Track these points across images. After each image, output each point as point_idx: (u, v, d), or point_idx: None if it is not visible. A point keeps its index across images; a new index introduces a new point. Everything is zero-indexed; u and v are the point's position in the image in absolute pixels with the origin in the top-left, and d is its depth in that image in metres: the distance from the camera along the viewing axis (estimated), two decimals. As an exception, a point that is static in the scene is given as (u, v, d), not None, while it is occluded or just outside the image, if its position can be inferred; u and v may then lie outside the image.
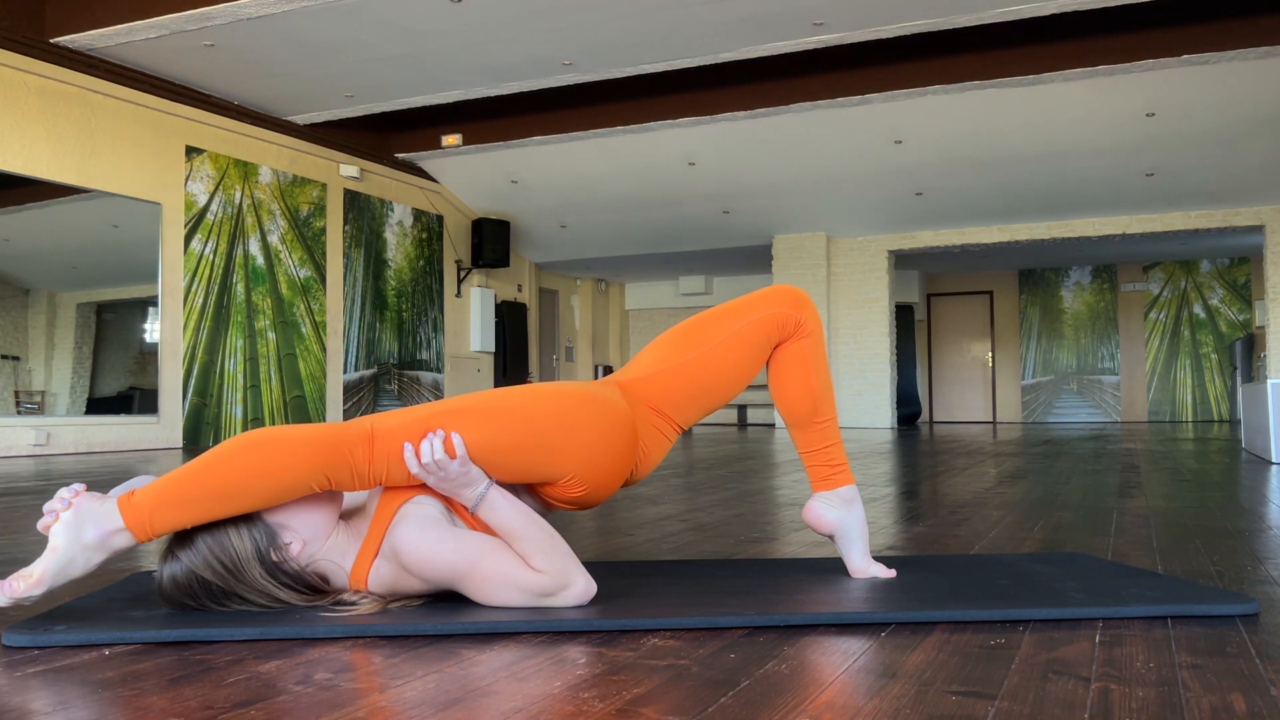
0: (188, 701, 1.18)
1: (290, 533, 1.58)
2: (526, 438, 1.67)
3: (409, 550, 1.56)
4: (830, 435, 1.91)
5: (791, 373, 1.88)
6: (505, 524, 1.61)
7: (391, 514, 1.61)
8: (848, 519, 1.89)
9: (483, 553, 1.56)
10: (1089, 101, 8.93)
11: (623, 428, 1.75)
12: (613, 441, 1.73)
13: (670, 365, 1.84)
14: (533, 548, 1.58)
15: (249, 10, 6.89)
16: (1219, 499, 3.44)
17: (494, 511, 1.62)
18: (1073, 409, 15.54)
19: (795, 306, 1.87)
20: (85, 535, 1.52)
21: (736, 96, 9.42)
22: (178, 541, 1.57)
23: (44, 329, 7.54)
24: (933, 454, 6.43)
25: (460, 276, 12.07)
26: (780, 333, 1.87)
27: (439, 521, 1.60)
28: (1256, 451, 5.66)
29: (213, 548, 1.55)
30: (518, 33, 7.51)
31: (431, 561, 1.55)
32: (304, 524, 1.59)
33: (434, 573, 1.57)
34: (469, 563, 1.55)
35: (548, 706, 1.15)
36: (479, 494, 1.62)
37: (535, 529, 1.61)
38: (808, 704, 1.16)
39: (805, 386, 1.89)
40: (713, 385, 1.85)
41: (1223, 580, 1.92)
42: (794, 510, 3.25)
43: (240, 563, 1.55)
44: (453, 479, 1.61)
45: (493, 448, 1.65)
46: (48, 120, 7.46)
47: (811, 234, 12.69)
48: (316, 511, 1.61)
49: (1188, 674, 1.27)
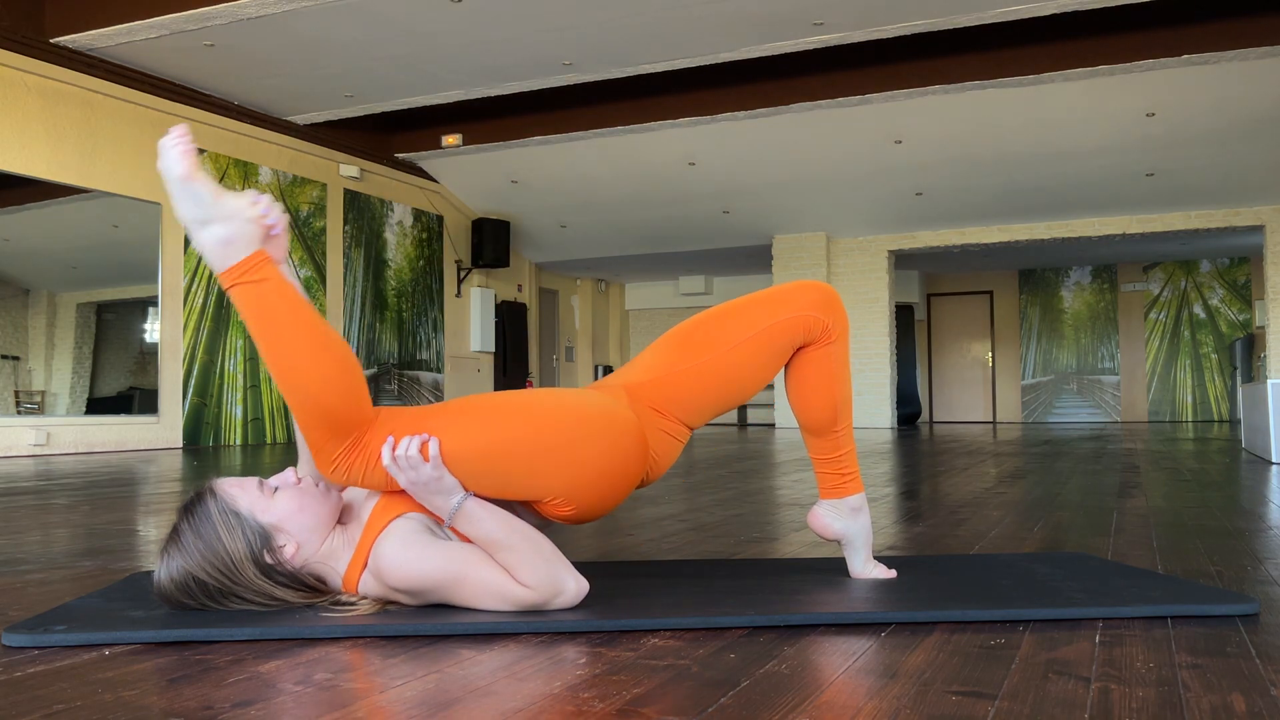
0: (188, 701, 1.18)
1: (284, 535, 1.56)
2: (510, 455, 1.59)
3: (391, 571, 1.53)
4: (845, 443, 1.84)
5: (815, 381, 1.78)
6: (486, 536, 1.55)
7: (381, 527, 1.58)
8: (854, 528, 1.85)
9: (467, 567, 1.53)
10: (1089, 101, 8.93)
11: (626, 445, 1.66)
12: (611, 461, 1.64)
13: (684, 368, 1.74)
14: (517, 560, 1.53)
15: (249, 10, 6.89)
16: (1219, 499, 3.44)
17: (472, 523, 1.56)
18: (1073, 409, 15.54)
19: (825, 309, 1.76)
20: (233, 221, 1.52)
21: (736, 96, 9.41)
22: (172, 543, 1.56)
23: (44, 329, 7.54)
24: (933, 454, 6.43)
25: (460, 276, 12.06)
26: (806, 336, 1.76)
27: (423, 536, 1.55)
28: (1256, 451, 5.65)
29: (205, 551, 1.53)
30: (518, 33, 7.51)
31: (415, 581, 1.53)
32: (298, 527, 1.57)
33: (419, 591, 1.55)
34: (453, 580, 1.53)
35: (547, 706, 1.15)
36: (454, 505, 1.56)
37: (519, 539, 1.54)
38: (808, 704, 1.16)
39: (828, 396, 1.79)
40: (729, 388, 1.75)
41: (1223, 580, 1.92)
42: (794, 510, 3.25)
43: (235, 564, 1.53)
44: (424, 482, 1.55)
45: (473, 457, 1.57)
46: (48, 120, 7.46)
47: (811, 234, 12.69)
48: (311, 514, 1.59)
49: (1188, 674, 1.27)
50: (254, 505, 1.56)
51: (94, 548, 2.49)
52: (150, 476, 4.99)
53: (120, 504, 3.59)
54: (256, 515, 1.55)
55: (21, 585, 1.97)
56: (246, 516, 1.55)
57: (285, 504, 1.57)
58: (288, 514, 1.57)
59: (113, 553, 2.41)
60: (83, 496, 3.88)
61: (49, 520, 3.10)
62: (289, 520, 1.57)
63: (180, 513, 1.58)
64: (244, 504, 1.56)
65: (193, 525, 1.55)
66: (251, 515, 1.55)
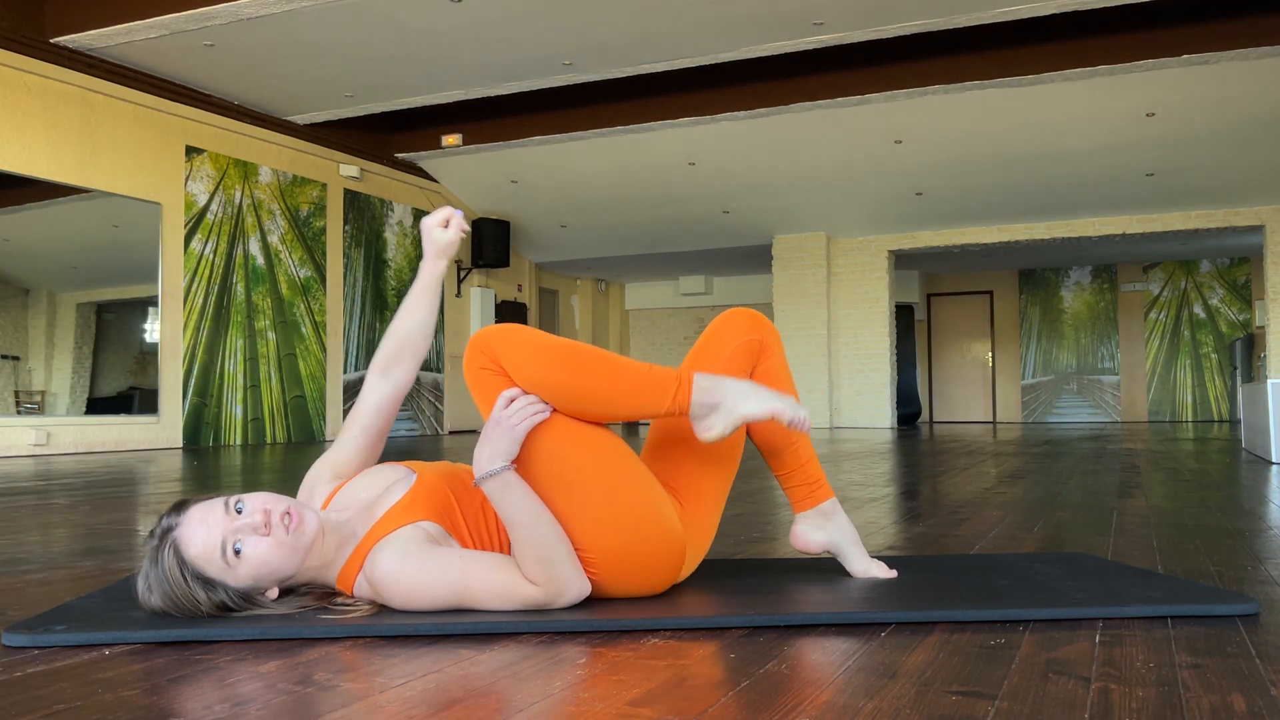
0: (188, 701, 1.18)
1: (261, 586, 1.53)
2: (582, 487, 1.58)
3: (389, 586, 1.51)
4: (805, 451, 1.85)
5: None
6: (516, 508, 1.53)
7: (385, 533, 1.56)
8: (835, 535, 1.85)
9: (469, 577, 1.52)
10: (1089, 101, 8.93)
11: (669, 557, 1.65)
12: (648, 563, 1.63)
13: (689, 467, 1.75)
14: (531, 550, 1.52)
15: (249, 10, 6.89)
16: (1219, 499, 3.44)
17: (510, 491, 1.54)
18: (1073, 409, 15.54)
19: (756, 329, 1.81)
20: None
21: (736, 96, 9.41)
22: (145, 582, 1.51)
23: (44, 329, 7.54)
24: (933, 454, 6.43)
25: (460, 276, 12.07)
26: (750, 360, 1.81)
27: (423, 546, 1.53)
28: (1256, 451, 5.66)
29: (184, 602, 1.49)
30: (518, 33, 7.51)
31: (415, 598, 1.52)
32: (273, 574, 1.52)
33: (420, 606, 1.54)
34: (456, 592, 1.52)
35: (548, 706, 1.15)
36: (501, 466, 1.54)
37: (542, 528, 1.53)
38: (808, 704, 1.16)
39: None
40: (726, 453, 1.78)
41: (1223, 580, 1.92)
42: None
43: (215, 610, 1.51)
44: (508, 427, 1.55)
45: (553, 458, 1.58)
46: (48, 120, 7.46)
47: (811, 234, 12.69)
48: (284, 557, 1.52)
49: (1188, 674, 1.27)
50: (223, 575, 1.50)
51: (94, 548, 2.49)
52: (150, 476, 4.99)
53: (120, 504, 3.59)
54: (229, 583, 1.50)
55: (21, 585, 1.97)
56: (219, 582, 1.50)
57: (251, 564, 1.50)
58: (256, 576, 1.51)
59: (113, 553, 2.41)
60: (83, 496, 3.88)
61: (49, 520, 3.10)
62: (262, 576, 1.52)
63: (150, 554, 1.52)
64: (214, 570, 1.49)
65: (168, 576, 1.50)
66: (223, 581, 1.50)
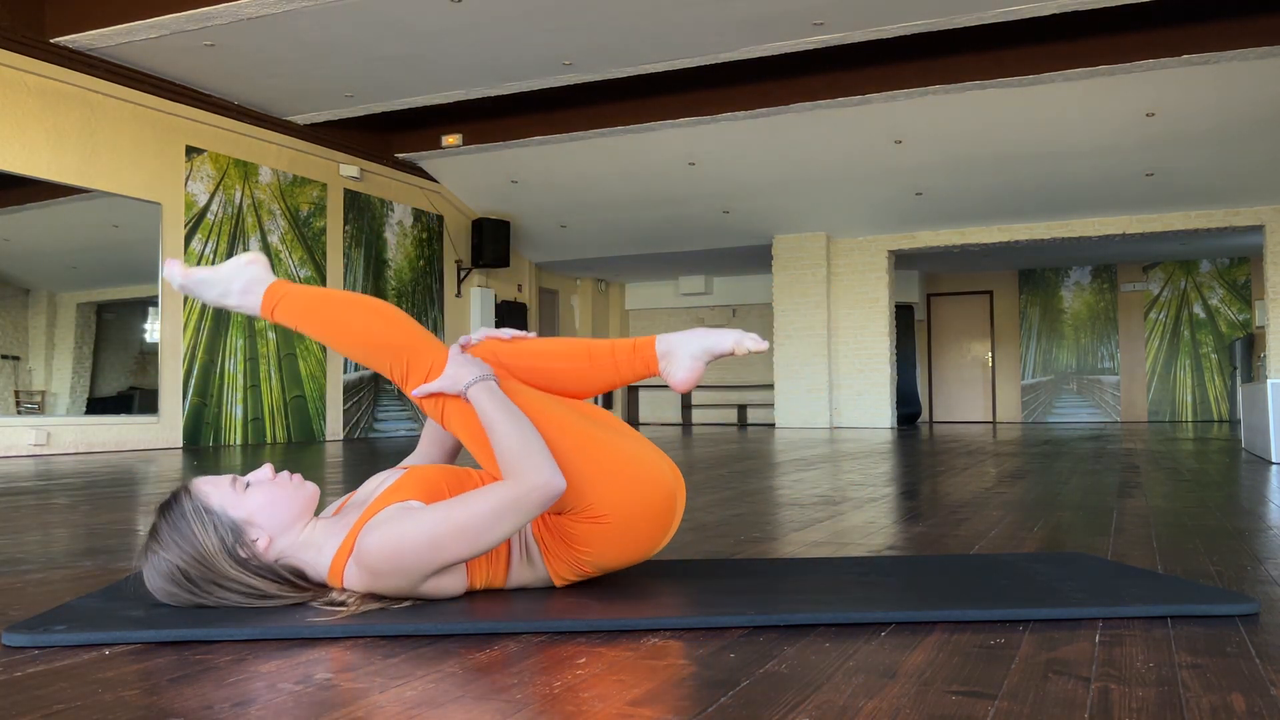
0: (188, 701, 1.18)
1: (256, 529, 1.59)
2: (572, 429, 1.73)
3: (371, 551, 1.54)
4: (600, 351, 1.90)
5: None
6: (498, 413, 1.65)
7: (373, 514, 1.60)
8: (692, 347, 1.88)
9: (445, 524, 1.54)
10: (1089, 101, 8.93)
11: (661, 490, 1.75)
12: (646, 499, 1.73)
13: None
14: (509, 443, 1.61)
15: (249, 10, 6.89)
16: (1219, 499, 3.44)
17: (494, 395, 1.68)
18: (1073, 409, 15.54)
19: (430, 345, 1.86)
20: (239, 277, 1.84)
21: (736, 96, 9.41)
22: (152, 539, 1.59)
23: (44, 329, 7.54)
24: (933, 454, 6.43)
25: (460, 276, 12.07)
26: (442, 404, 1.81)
27: (407, 510, 1.58)
28: (1256, 451, 5.65)
29: (181, 544, 1.56)
30: (518, 33, 7.51)
31: (394, 555, 1.54)
32: (269, 520, 1.60)
33: (400, 570, 1.55)
34: (433, 538, 1.54)
35: (548, 706, 1.15)
36: (482, 374, 1.71)
37: (522, 423, 1.64)
38: (808, 704, 1.16)
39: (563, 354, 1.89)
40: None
41: (1223, 580, 1.92)
42: (794, 510, 3.25)
43: (209, 557, 1.56)
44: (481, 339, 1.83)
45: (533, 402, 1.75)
46: (48, 120, 7.46)
47: (811, 234, 12.69)
48: (282, 507, 1.61)
49: (1188, 674, 1.27)
50: (225, 501, 1.59)
51: (94, 548, 2.49)
52: (150, 476, 4.99)
53: (120, 504, 3.59)
54: (228, 510, 1.58)
55: (21, 585, 1.97)
56: (219, 512, 1.58)
57: (256, 499, 1.60)
58: (258, 508, 1.60)
59: (113, 553, 2.41)
60: (83, 496, 3.88)
61: (49, 520, 3.11)
62: (260, 514, 1.59)
63: (158, 511, 1.62)
64: (216, 500, 1.59)
65: (170, 521, 1.58)
66: (223, 511, 1.58)
